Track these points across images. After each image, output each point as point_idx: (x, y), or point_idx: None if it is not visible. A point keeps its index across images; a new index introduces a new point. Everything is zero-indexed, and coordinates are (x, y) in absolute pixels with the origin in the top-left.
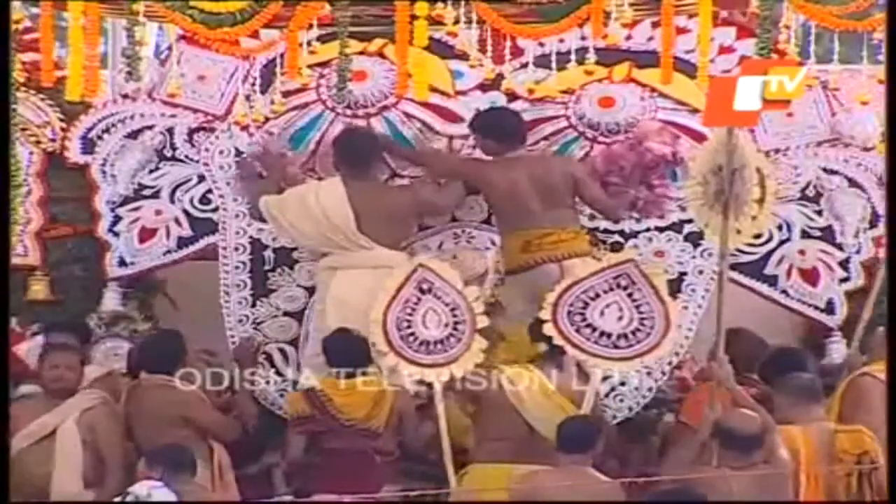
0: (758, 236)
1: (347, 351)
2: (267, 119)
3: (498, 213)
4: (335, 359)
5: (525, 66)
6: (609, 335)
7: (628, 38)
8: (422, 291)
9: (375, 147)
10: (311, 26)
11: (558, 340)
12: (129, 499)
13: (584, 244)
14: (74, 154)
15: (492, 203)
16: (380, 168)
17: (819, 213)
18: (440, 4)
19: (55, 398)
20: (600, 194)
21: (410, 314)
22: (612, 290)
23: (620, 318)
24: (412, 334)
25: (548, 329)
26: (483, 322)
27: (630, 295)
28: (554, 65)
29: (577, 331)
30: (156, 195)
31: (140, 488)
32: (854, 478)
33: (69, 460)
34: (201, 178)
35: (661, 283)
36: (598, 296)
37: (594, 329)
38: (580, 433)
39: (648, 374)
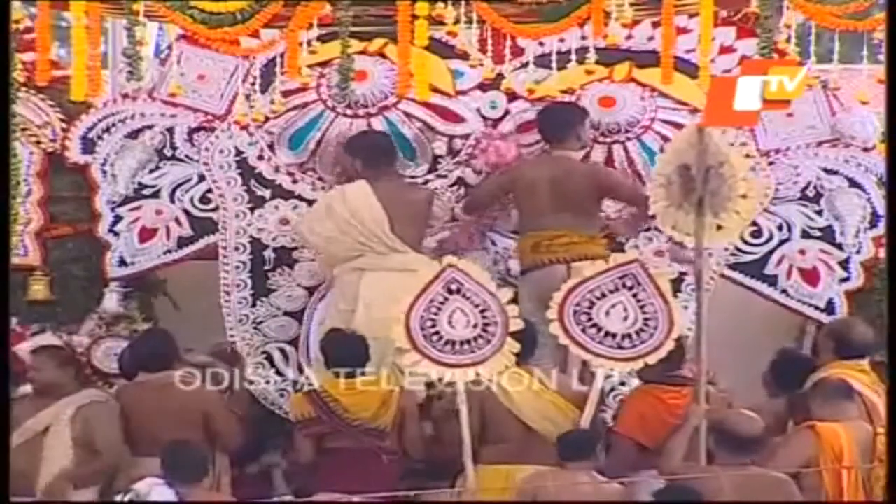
0: (753, 234)
1: (346, 351)
2: (267, 119)
3: (520, 211)
4: (334, 359)
5: (525, 65)
6: (614, 335)
7: (629, 37)
8: (450, 291)
9: (395, 147)
10: (311, 26)
11: (563, 340)
12: (130, 496)
13: (597, 248)
14: (74, 154)
15: (516, 200)
16: (397, 167)
17: (819, 213)
18: (440, 4)
19: (45, 399)
20: (633, 191)
21: (436, 314)
22: (617, 290)
23: (626, 319)
24: (437, 333)
25: (554, 328)
26: (517, 325)
27: (635, 295)
28: (554, 65)
29: (583, 331)
30: (156, 195)
31: (142, 486)
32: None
33: (57, 459)
34: (201, 178)
35: (666, 283)
36: (604, 296)
37: (599, 329)
38: (578, 442)
39: None
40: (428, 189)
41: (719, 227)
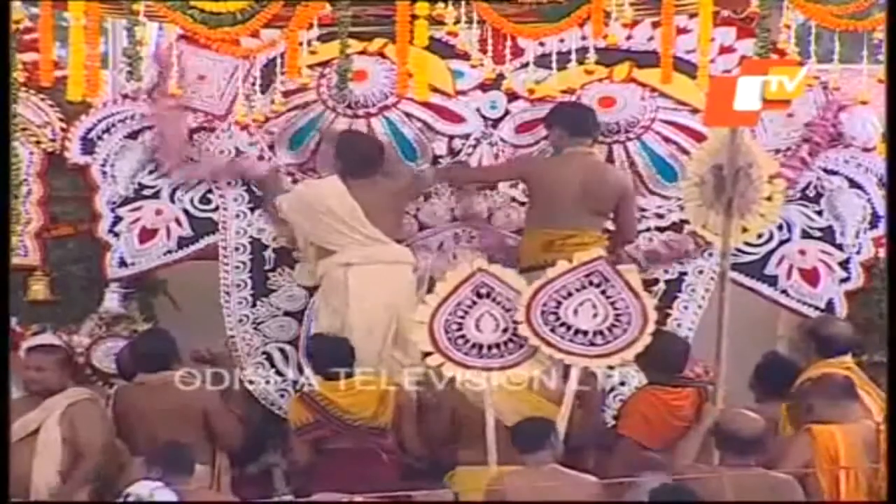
0: (758, 236)
1: (330, 353)
2: (267, 119)
3: (535, 205)
4: (320, 363)
5: (525, 65)
6: (584, 333)
7: (629, 38)
8: (479, 296)
9: (380, 152)
10: (311, 26)
11: (534, 341)
12: (130, 499)
13: (601, 249)
14: (74, 154)
15: (532, 197)
16: (380, 171)
17: (819, 213)
18: (441, 4)
19: (35, 398)
20: (634, 215)
21: (463, 317)
22: (584, 287)
23: (595, 316)
24: (462, 336)
25: (522, 330)
26: (523, 329)
27: (604, 292)
28: (554, 65)
29: (552, 330)
30: (156, 195)
31: (141, 489)
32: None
33: (49, 457)
34: (201, 178)
35: (634, 278)
36: (570, 294)
37: (569, 327)
38: (529, 432)
39: None
40: (407, 178)
41: (744, 229)
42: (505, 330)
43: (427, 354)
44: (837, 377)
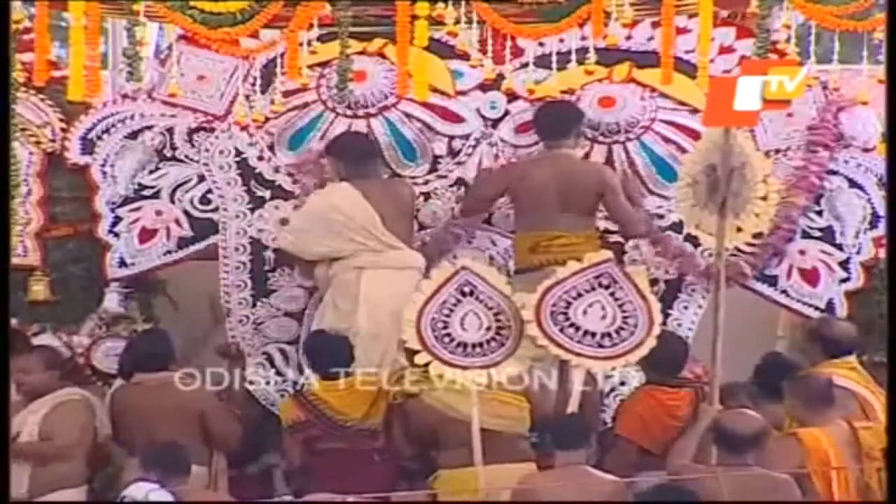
0: (758, 235)
1: (329, 351)
2: (267, 119)
3: (519, 210)
4: (318, 360)
5: (525, 66)
6: (593, 334)
7: (628, 38)
8: (463, 294)
9: (374, 147)
10: (311, 26)
11: (542, 341)
12: (125, 501)
13: (594, 249)
14: (74, 154)
15: (516, 200)
16: (381, 168)
17: (819, 213)
18: (441, 4)
19: (24, 400)
20: (626, 207)
21: (448, 315)
22: (594, 289)
23: (604, 317)
24: (448, 335)
25: (531, 329)
26: (532, 329)
27: (612, 294)
28: (554, 65)
29: (561, 330)
30: (156, 195)
31: (136, 490)
32: (884, 472)
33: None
34: (201, 179)
35: (643, 281)
36: (580, 295)
37: (578, 328)
38: (571, 431)
39: None
40: (409, 184)
41: (739, 229)
42: (488, 328)
43: (415, 353)
44: (819, 379)
